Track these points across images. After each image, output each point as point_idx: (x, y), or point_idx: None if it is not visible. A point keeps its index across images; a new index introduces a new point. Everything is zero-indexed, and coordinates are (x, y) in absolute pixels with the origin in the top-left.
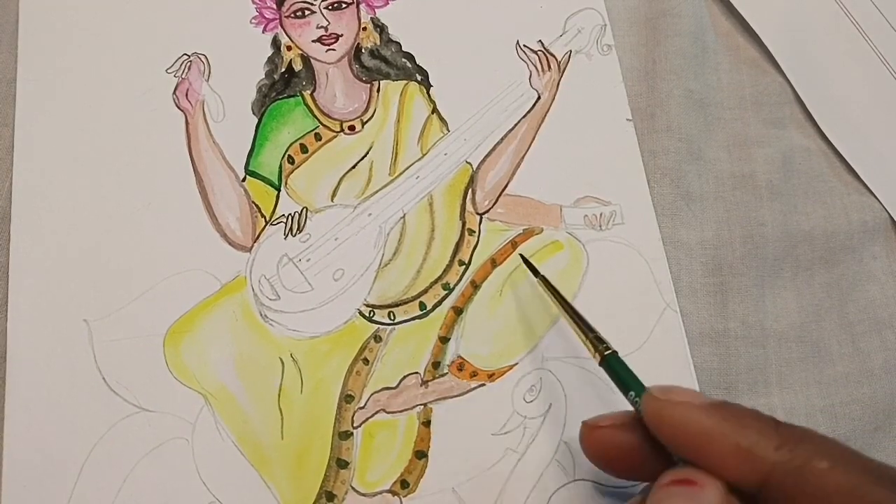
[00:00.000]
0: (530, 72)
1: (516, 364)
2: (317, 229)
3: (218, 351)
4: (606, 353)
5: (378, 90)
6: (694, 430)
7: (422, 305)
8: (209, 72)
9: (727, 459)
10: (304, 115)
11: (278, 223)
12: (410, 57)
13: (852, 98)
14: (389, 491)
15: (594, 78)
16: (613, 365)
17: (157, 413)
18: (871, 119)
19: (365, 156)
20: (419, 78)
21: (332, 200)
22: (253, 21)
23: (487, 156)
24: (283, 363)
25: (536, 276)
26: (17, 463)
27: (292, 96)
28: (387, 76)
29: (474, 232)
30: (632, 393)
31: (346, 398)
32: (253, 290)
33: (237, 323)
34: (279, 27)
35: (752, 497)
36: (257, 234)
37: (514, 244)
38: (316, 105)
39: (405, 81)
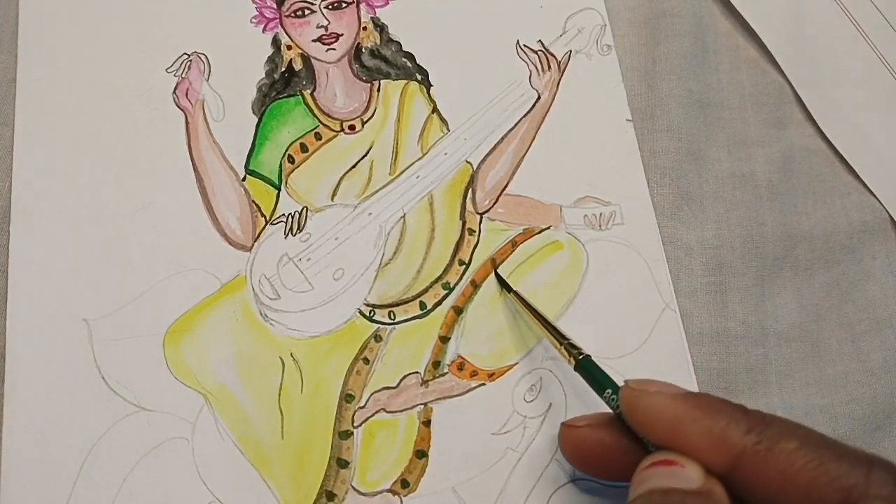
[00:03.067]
0: (530, 72)
1: (516, 364)
2: (317, 229)
3: (218, 350)
4: (580, 357)
5: (378, 90)
6: (667, 416)
7: (422, 305)
8: (209, 71)
9: (699, 444)
10: (305, 114)
11: (278, 223)
12: (410, 56)
13: (852, 98)
14: (390, 490)
15: (594, 78)
16: (588, 367)
17: (156, 412)
18: (871, 119)
19: (365, 155)
20: (419, 77)
21: (332, 200)
22: (253, 20)
23: (487, 155)
24: (283, 363)
25: (509, 292)
26: (16, 462)
27: (292, 96)
28: (387, 76)
29: (474, 231)
30: (608, 391)
31: (347, 398)
32: (253, 289)
33: (237, 322)
34: (279, 26)
35: (723, 480)
36: (257, 233)
37: (514, 244)
38: (316, 104)
39: (405, 81)
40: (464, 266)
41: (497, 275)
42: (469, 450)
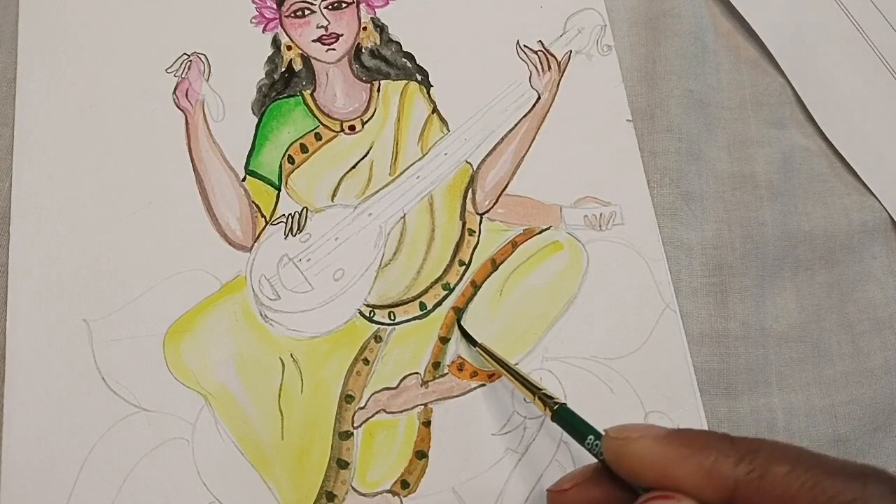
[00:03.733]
0: (530, 72)
1: (516, 364)
2: (317, 229)
3: (218, 351)
4: (556, 406)
5: (378, 90)
6: (656, 460)
7: (422, 306)
8: (209, 71)
9: (692, 482)
10: (305, 114)
11: (278, 223)
12: (410, 57)
13: (852, 98)
14: (390, 491)
15: (594, 78)
16: (566, 416)
17: (157, 413)
18: (871, 119)
19: (365, 156)
20: (419, 78)
21: (332, 200)
22: (253, 21)
23: (488, 156)
24: (283, 363)
25: (475, 346)
26: (16, 462)
27: (292, 96)
28: (387, 76)
29: (474, 232)
30: (590, 438)
31: (347, 398)
32: (253, 290)
33: (237, 323)
34: (279, 27)
35: None
36: (257, 233)
37: (514, 244)
38: (316, 105)
39: (405, 81)
40: (464, 267)
41: (460, 327)
42: (469, 450)
